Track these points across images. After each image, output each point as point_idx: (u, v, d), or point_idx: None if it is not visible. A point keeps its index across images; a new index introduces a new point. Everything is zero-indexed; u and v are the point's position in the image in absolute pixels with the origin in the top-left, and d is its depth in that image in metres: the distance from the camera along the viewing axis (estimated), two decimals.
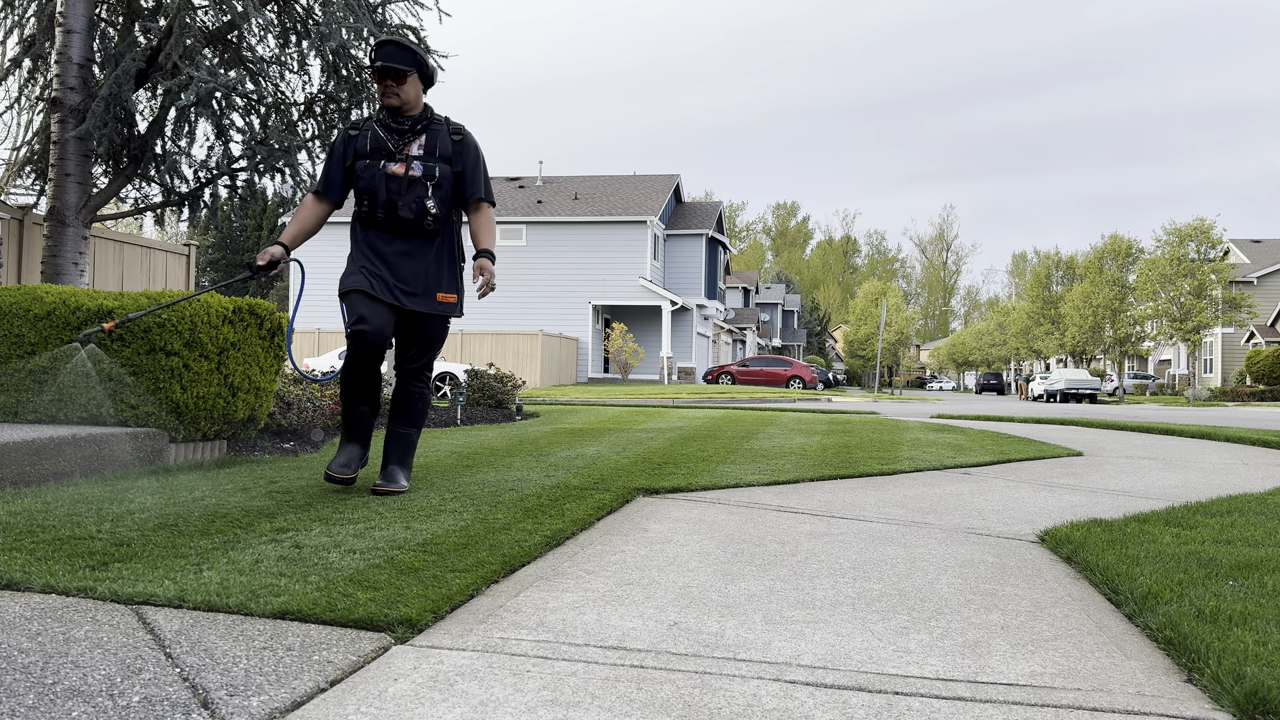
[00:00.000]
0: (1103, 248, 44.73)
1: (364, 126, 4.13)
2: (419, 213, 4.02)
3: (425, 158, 4.05)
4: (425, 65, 4.10)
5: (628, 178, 37.26)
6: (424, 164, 4.04)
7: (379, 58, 4.02)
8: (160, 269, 10.68)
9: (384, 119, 4.11)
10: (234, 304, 5.42)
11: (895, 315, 70.08)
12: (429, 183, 4.02)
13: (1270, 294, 42.91)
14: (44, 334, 4.93)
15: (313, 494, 4.02)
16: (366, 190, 4.04)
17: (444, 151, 4.09)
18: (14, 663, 1.89)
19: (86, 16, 8.20)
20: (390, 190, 4.01)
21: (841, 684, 1.94)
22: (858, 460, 6.01)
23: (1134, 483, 5.39)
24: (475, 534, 3.23)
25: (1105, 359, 49.23)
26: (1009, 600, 2.64)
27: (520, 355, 28.19)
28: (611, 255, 33.19)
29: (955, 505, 4.37)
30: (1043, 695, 1.90)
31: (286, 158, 8.89)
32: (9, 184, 9.22)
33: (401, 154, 4.03)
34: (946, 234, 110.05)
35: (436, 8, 9.44)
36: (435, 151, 4.07)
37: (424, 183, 4.02)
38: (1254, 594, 2.53)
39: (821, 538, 3.48)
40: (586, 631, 2.25)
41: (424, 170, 4.03)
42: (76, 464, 4.26)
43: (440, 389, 19.37)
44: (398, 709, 1.75)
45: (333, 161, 4.17)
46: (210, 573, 2.57)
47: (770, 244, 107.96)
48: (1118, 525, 3.62)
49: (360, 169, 4.06)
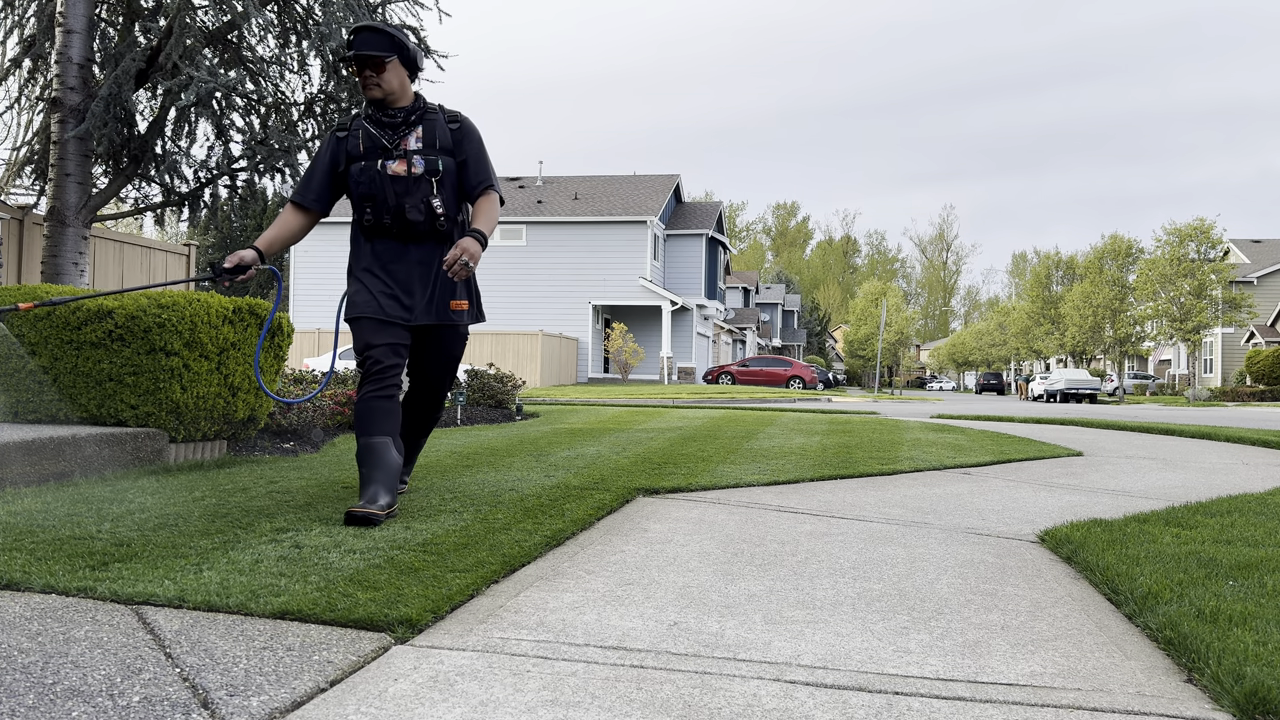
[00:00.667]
0: (1103, 248, 44.74)
1: (353, 126, 3.70)
2: (429, 213, 3.62)
3: (425, 151, 3.64)
4: (406, 48, 3.65)
5: (628, 178, 37.26)
6: (425, 158, 3.62)
7: (352, 46, 3.61)
8: (160, 269, 10.68)
9: (373, 114, 3.68)
10: (234, 304, 5.42)
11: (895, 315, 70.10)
12: (434, 178, 3.62)
13: (1270, 294, 42.90)
14: (44, 334, 4.93)
15: (313, 494, 4.02)
16: (368, 196, 3.61)
17: (444, 142, 3.68)
18: (14, 663, 1.89)
19: (86, 16, 8.20)
20: (396, 192, 3.59)
21: (841, 684, 1.94)
22: (858, 460, 6.01)
23: (1134, 483, 5.39)
24: (475, 534, 3.23)
25: (1105, 359, 49.23)
26: (1009, 600, 2.64)
27: (520, 355, 28.19)
28: (611, 255, 33.19)
29: (955, 505, 4.37)
30: (1043, 695, 1.90)
31: (286, 158, 8.89)
32: (9, 184, 9.22)
33: (400, 150, 3.62)
34: (946, 234, 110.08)
35: (436, 8, 9.44)
36: (435, 143, 3.66)
37: (428, 179, 3.61)
38: (1254, 594, 2.53)
39: (821, 538, 3.48)
40: (586, 631, 2.25)
41: (427, 165, 3.61)
42: (76, 464, 4.26)
43: None
44: (398, 709, 1.75)
45: (317, 167, 3.72)
46: (210, 573, 2.57)
47: (770, 244, 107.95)
48: (1118, 525, 3.62)
49: (356, 173, 3.63)
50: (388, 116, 3.67)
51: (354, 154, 3.67)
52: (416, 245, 3.67)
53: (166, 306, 4.97)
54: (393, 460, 3.54)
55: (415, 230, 3.64)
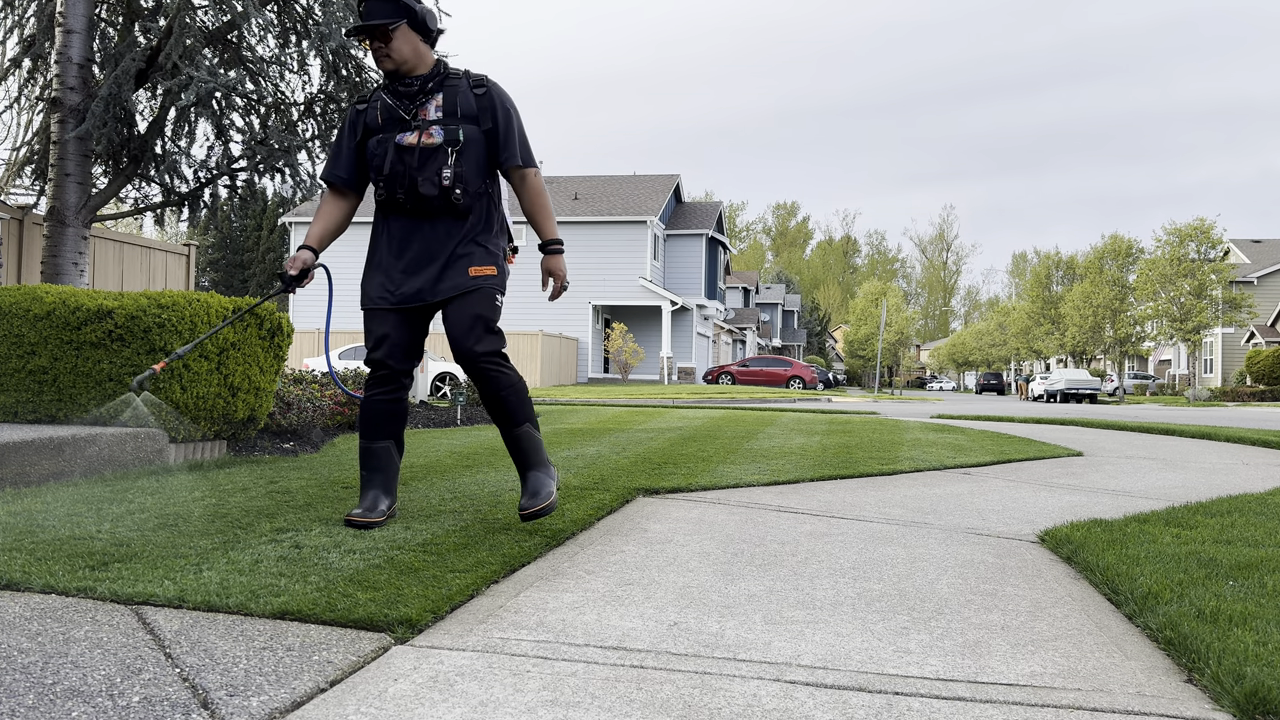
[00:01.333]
0: (1103, 248, 44.76)
1: (372, 98, 3.53)
2: (443, 187, 3.38)
3: (445, 120, 3.42)
4: (413, 11, 3.43)
5: (628, 178, 37.26)
6: (444, 128, 3.40)
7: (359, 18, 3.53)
8: (160, 269, 10.68)
9: (390, 85, 3.51)
10: (234, 304, 5.42)
11: (895, 315, 70.10)
12: (452, 148, 3.39)
13: (1270, 294, 42.90)
14: (44, 334, 4.93)
15: (313, 494, 4.02)
16: (381, 169, 3.42)
17: (466, 109, 3.44)
18: (14, 663, 1.89)
19: (86, 16, 8.20)
20: (406, 164, 3.39)
21: (841, 684, 1.94)
22: (858, 460, 6.01)
23: (1134, 483, 5.39)
24: (475, 534, 3.23)
25: (1105, 359, 49.24)
26: (1009, 600, 2.64)
27: (520, 355, 28.20)
28: (611, 255, 33.20)
29: (955, 505, 4.37)
30: (1043, 695, 1.90)
31: (286, 158, 8.89)
32: (9, 184, 9.22)
33: (419, 120, 3.42)
34: (946, 234, 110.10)
35: (436, 7, 9.44)
36: (456, 111, 3.44)
37: (445, 149, 3.39)
38: (1254, 594, 2.53)
39: (821, 538, 3.48)
40: (586, 631, 2.25)
41: (445, 135, 3.40)
42: (76, 464, 4.26)
43: (440, 389, 19.37)
44: (398, 709, 1.75)
45: (342, 143, 3.58)
46: (210, 573, 2.57)
47: (770, 244, 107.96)
48: (1118, 525, 3.62)
49: (372, 146, 3.46)
50: (404, 86, 3.48)
51: (372, 126, 3.49)
52: (430, 222, 3.45)
53: (166, 307, 4.97)
54: (393, 465, 3.51)
55: (429, 206, 3.42)
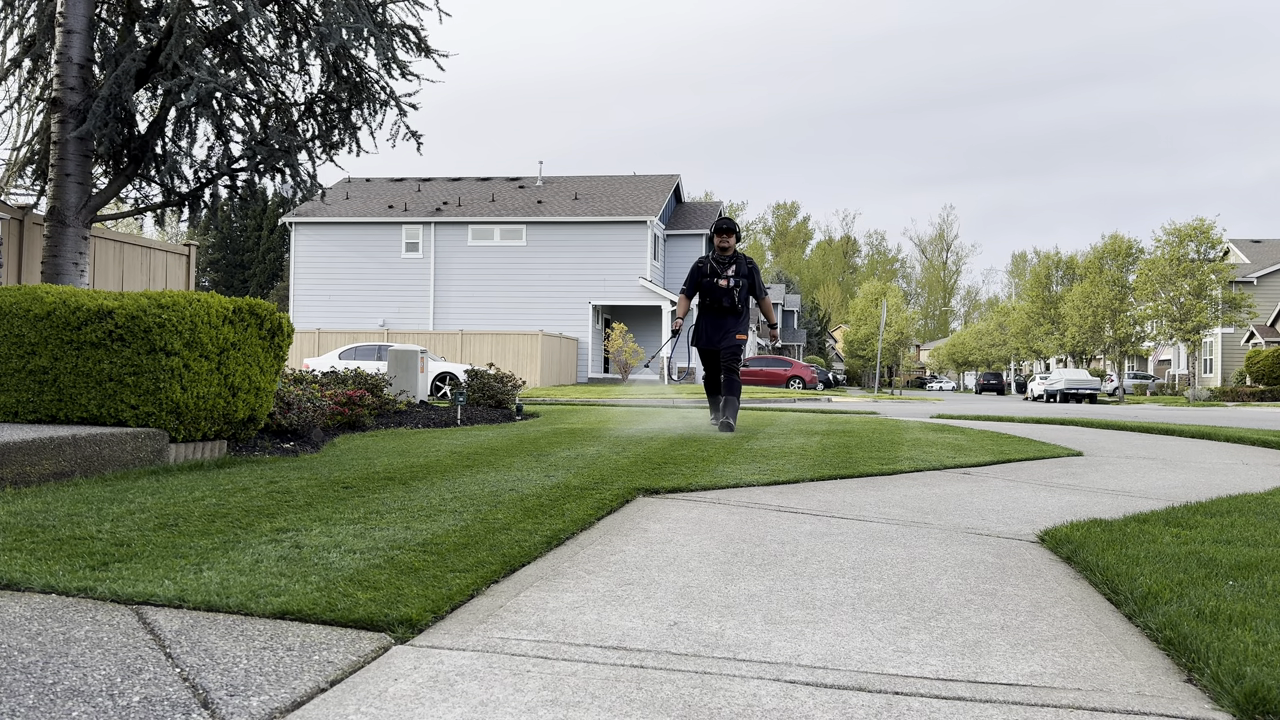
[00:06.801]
0: (1103, 248, 44.73)
1: (705, 261, 8.44)
2: (731, 304, 8.38)
3: (735, 276, 8.37)
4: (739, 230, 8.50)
5: (628, 178, 37.26)
6: (735, 279, 8.37)
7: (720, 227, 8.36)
8: (160, 269, 10.68)
9: (713, 256, 8.39)
10: (234, 304, 5.42)
11: (895, 315, 70.05)
12: (736, 291, 8.35)
13: (1270, 294, 42.90)
14: (44, 334, 4.93)
15: (313, 494, 4.02)
16: (708, 292, 8.42)
17: (742, 272, 8.40)
18: (14, 663, 1.90)
19: (86, 16, 8.20)
20: (719, 294, 8.37)
21: (841, 684, 1.94)
22: (858, 460, 6.01)
23: (1134, 483, 5.39)
24: (475, 534, 3.23)
25: (1105, 359, 49.23)
26: (1009, 600, 2.64)
27: (520, 355, 28.19)
28: (611, 255, 33.19)
29: (955, 505, 4.37)
30: (1043, 695, 1.90)
31: (286, 158, 8.89)
32: (9, 184, 9.21)
33: (725, 275, 8.36)
34: (946, 234, 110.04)
35: (436, 7, 9.45)
36: (740, 272, 8.38)
37: (733, 291, 8.35)
38: (1254, 594, 2.53)
39: (821, 538, 3.48)
40: (586, 631, 2.25)
41: (736, 283, 8.36)
42: (76, 464, 4.26)
43: (440, 389, 19.39)
44: (398, 709, 1.75)
45: (691, 276, 8.50)
46: (210, 573, 2.57)
47: (770, 244, 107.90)
48: (1118, 525, 3.62)
49: (705, 284, 8.43)
50: (721, 255, 8.42)
51: (703, 272, 8.49)
52: (721, 317, 8.46)
53: (167, 307, 4.96)
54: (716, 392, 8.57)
55: (723, 310, 8.43)
